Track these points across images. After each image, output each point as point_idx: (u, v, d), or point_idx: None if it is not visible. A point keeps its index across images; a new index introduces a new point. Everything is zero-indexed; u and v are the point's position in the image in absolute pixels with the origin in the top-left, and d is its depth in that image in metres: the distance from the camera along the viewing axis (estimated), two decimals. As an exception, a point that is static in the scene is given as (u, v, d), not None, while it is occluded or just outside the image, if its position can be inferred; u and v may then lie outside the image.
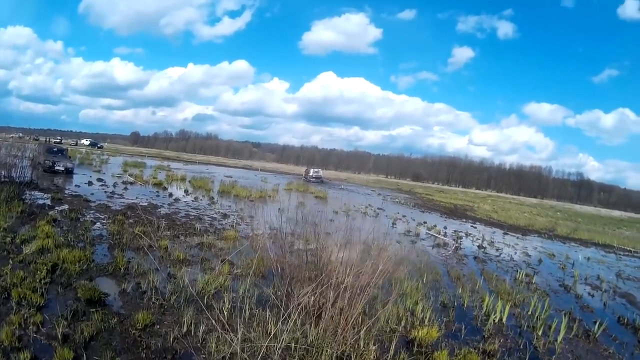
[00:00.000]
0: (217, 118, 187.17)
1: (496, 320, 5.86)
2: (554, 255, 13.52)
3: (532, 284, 8.68)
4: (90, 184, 15.88)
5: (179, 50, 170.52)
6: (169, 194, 15.70)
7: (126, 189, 15.82)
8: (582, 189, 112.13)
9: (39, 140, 52.89)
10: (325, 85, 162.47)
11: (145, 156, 54.07)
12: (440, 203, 34.24)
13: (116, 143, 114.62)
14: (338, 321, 4.15)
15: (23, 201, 9.66)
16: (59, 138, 68.59)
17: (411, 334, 4.82)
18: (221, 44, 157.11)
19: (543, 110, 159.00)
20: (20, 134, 59.85)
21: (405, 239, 11.61)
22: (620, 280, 10.73)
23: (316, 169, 47.06)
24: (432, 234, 14.29)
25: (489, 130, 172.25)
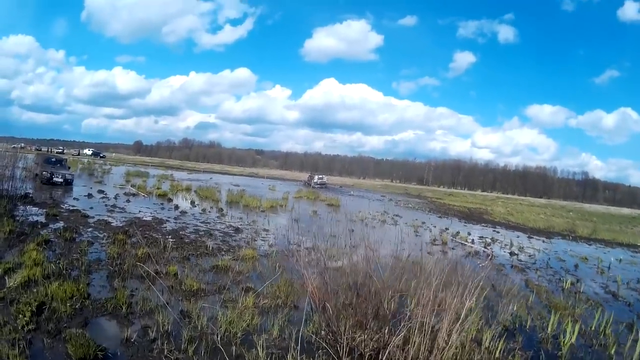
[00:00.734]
0: (220, 126, 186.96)
1: (566, 342, 5.17)
2: (586, 258, 13.00)
3: (581, 292, 8.15)
4: (90, 196, 14.87)
5: (180, 58, 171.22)
6: (175, 206, 14.61)
7: (128, 201, 14.78)
8: (587, 188, 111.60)
9: (40, 150, 52.26)
10: (327, 91, 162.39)
11: (148, 165, 53.15)
12: (453, 207, 33.17)
13: (119, 152, 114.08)
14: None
15: (14, 218, 8.64)
16: (61, 148, 68.00)
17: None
18: (223, 52, 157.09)
19: (545, 111, 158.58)
20: (22, 144, 59.11)
21: (434, 249, 10.61)
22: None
23: (320, 175, 47.71)
24: (460, 241, 13.31)
25: (491, 132, 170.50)
